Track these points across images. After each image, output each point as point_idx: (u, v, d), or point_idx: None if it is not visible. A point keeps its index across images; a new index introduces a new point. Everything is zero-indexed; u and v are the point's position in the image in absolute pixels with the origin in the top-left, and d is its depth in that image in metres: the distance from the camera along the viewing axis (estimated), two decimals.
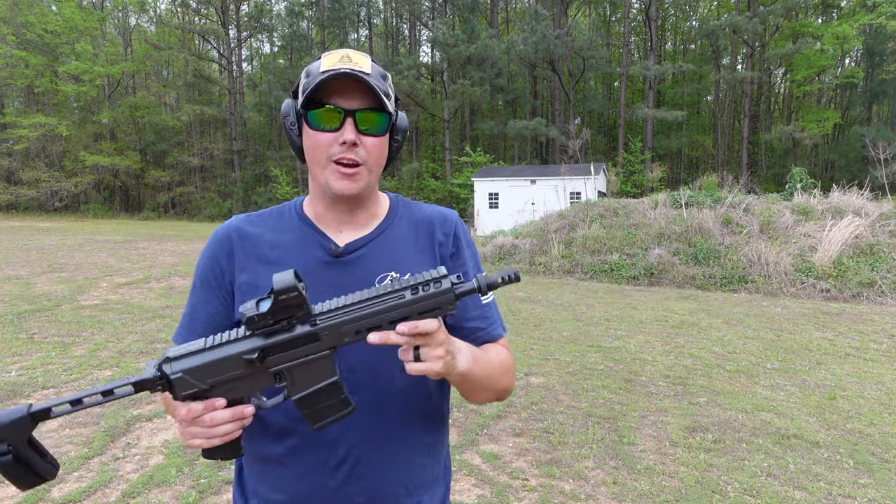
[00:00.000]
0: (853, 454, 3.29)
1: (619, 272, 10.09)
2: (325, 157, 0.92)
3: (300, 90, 0.94)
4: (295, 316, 0.76)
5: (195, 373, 0.76)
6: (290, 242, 0.98)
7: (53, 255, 11.75)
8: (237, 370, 0.77)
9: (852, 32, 26.65)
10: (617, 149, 31.98)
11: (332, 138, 0.91)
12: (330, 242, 0.98)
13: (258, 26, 38.51)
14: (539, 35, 28.70)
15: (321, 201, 0.99)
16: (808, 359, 5.28)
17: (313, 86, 0.88)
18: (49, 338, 5.46)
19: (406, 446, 0.97)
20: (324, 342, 0.78)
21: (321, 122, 0.91)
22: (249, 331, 0.77)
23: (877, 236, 9.45)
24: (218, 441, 0.78)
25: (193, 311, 1.00)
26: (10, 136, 30.64)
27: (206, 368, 0.76)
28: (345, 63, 0.90)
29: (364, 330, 0.77)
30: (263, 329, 0.76)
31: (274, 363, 0.78)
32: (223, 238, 1.01)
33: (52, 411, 0.73)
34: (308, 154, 0.95)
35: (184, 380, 0.76)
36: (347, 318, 0.77)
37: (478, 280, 0.80)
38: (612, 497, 2.81)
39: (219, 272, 0.99)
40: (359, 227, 1.00)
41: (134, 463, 3.05)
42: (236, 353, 0.76)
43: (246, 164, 35.37)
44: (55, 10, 32.64)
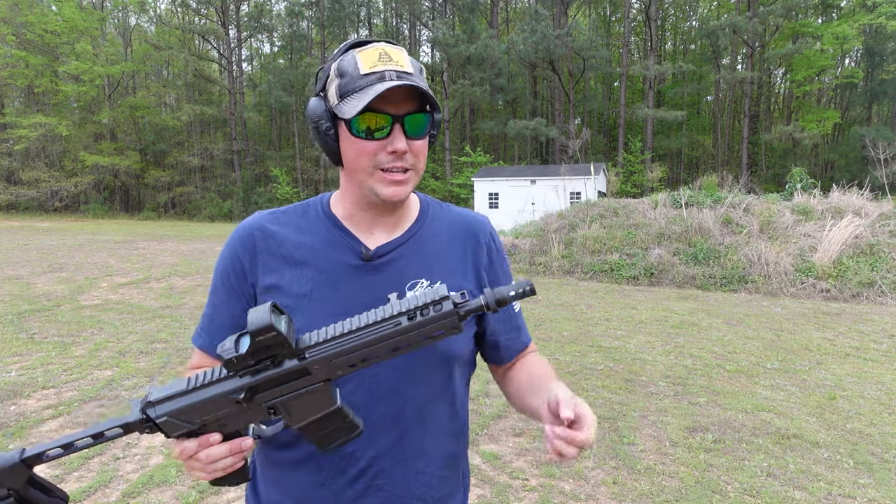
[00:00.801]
0: (853, 454, 3.29)
1: (619, 272, 10.09)
2: (371, 165, 0.86)
3: (335, 91, 0.85)
4: (279, 354, 0.71)
5: (181, 414, 0.72)
6: (317, 243, 0.93)
7: (53, 255, 11.75)
8: (226, 408, 0.73)
9: (852, 32, 26.67)
10: (617, 149, 31.99)
11: (379, 146, 0.85)
12: (360, 245, 0.93)
13: (258, 26, 38.51)
14: (539, 35, 28.71)
15: (357, 203, 0.93)
16: (808, 359, 5.28)
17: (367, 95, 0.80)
18: (49, 338, 5.46)
19: (426, 459, 0.94)
20: (315, 376, 0.73)
21: (367, 130, 0.84)
22: (231, 372, 0.72)
23: (877, 236, 9.45)
24: (220, 473, 0.76)
25: (214, 312, 0.96)
26: (11, 136, 30.66)
27: (192, 410, 0.73)
28: (385, 63, 0.83)
29: (358, 362, 0.72)
30: (251, 368, 0.72)
31: (265, 399, 0.73)
32: (246, 237, 0.95)
33: (45, 455, 0.71)
34: (350, 161, 0.88)
35: (170, 423, 0.73)
36: (339, 351, 0.72)
37: (485, 297, 0.72)
38: (612, 497, 2.81)
39: (241, 273, 0.94)
40: (390, 230, 0.96)
41: (134, 463, 3.05)
42: (222, 394, 0.72)
43: (246, 164, 35.38)
44: (55, 10, 32.66)
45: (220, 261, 0.97)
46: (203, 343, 0.96)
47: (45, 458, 0.71)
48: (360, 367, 0.73)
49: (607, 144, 37.48)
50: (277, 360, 0.72)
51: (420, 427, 0.93)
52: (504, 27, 38.99)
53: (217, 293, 0.96)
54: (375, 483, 0.90)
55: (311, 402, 0.74)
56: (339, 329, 0.72)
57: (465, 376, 1.03)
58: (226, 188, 34.35)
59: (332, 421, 0.76)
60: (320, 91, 0.89)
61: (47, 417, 3.57)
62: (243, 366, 0.71)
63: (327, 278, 0.90)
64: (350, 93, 0.83)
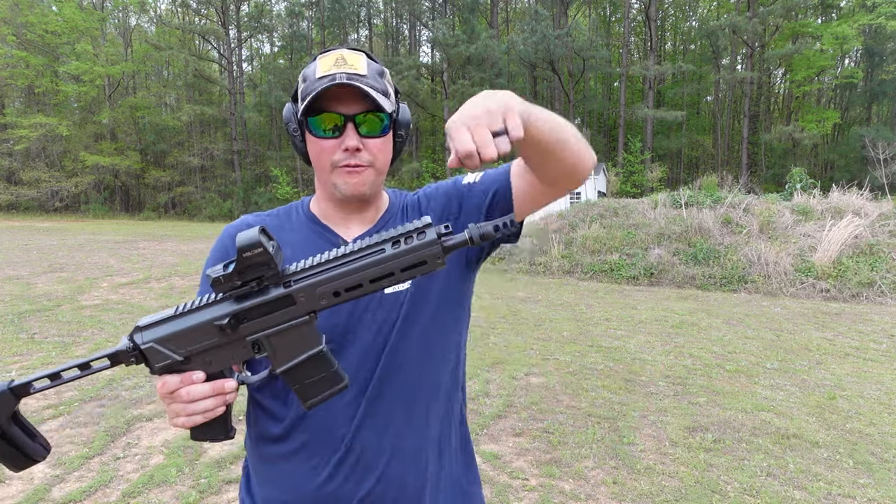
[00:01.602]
0: (853, 454, 3.29)
1: (618, 272, 10.10)
2: (329, 163, 0.93)
3: (299, 95, 0.94)
4: (265, 276, 0.71)
5: (166, 342, 0.72)
6: (300, 241, 0.98)
7: (54, 255, 11.75)
8: (211, 338, 0.72)
9: (852, 33, 26.67)
10: (617, 149, 31.99)
11: (335, 144, 0.91)
12: (337, 238, 0.99)
13: (258, 26, 38.51)
14: (539, 35, 28.71)
15: (329, 200, 1.00)
16: (807, 359, 5.28)
17: (311, 95, 0.87)
18: (49, 338, 5.47)
19: (418, 442, 0.96)
20: (301, 306, 0.72)
21: (322, 130, 0.91)
22: (218, 294, 0.72)
23: (876, 236, 9.45)
24: (200, 418, 0.74)
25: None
26: (11, 137, 30.65)
27: (177, 337, 0.72)
28: (340, 66, 0.89)
29: (343, 291, 0.71)
30: (232, 291, 0.71)
31: (249, 330, 0.73)
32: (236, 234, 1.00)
33: (32, 386, 0.71)
34: (313, 160, 0.95)
35: (155, 350, 0.72)
36: (323, 278, 0.71)
37: (469, 231, 0.70)
38: (612, 497, 2.81)
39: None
40: (365, 224, 1.01)
41: (134, 463, 3.05)
42: (207, 320, 0.72)
43: (246, 164, 35.38)
44: (55, 11, 32.66)
45: (211, 259, 0.99)
46: None
47: (33, 390, 0.72)
48: (344, 297, 0.72)
49: (607, 144, 37.48)
50: (263, 286, 0.71)
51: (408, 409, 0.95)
52: (504, 27, 38.99)
53: (205, 289, 0.95)
54: (370, 467, 0.92)
55: (296, 339, 0.74)
56: (324, 257, 0.72)
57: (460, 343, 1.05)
58: (226, 188, 34.35)
59: (317, 367, 0.75)
60: (292, 96, 0.97)
61: (48, 417, 3.58)
62: (229, 287, 0.70)
63: None
64: (306, 96, 0.89)
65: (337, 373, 0.77)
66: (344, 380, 0.77)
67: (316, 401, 0.77)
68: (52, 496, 2.69)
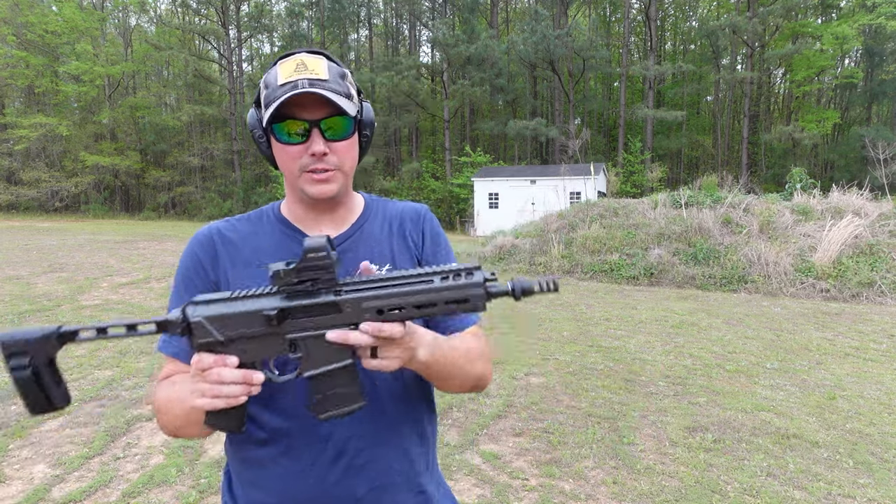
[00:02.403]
0: (853, 454, 3.29)
1: (618, 272, 10.10)
2: (297, 168, 0.92)
3: (262, 102, 0.93)
4: (321, 279, 0.75)
5: (215, 321, 0.75)
6: (272, 245, 0.98)
7: (54, 255, 11.75)
8: (255, 327, 0.76)
9: (852, 33, 26.67)
10: (617, 149, 31.99)
11: (301, 150, 0.91)
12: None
13: (258, 26, 38.50)
14: (539, 35, 28.71)
15: (299, 203, 0.99)
16: (807, 359, 5.28)
17: (275, 104, 0.87)
18: None
19: (398, 434, 0.97)
20: (345, 315, 0.75)
21: (288, 136, 0.91)
22: (274, 287, 0.76)
23: (876, 236, 9.45)
24: (222, 403, 0.76)
25: None
26: (11, 137, 30.65)
27: (226, 319, 0.76)
28: (301, 72, 0.88)
29: (386, 310, 0.74)
30: (288, 288, 0.75)
31: (291, 328, 0.76)
32: (206, 241, 0.99)
33: (78, 334, 0.75)
34: (280, 165, 0.95)
35: (202, 326, 0.75)
36: (371, 294, 0.75)
37: (513, 283, 0.74)
38: (612, 497, 2.81)
39: (202, 272, 0.97)
40: (337, 226, 1.01)
41: (134, 463, 3.05)
42: (257, 309, 0.75)
43: (246, 164, 35.38)
44: (55, 11, 32.66)
45: (181, 266, 0.99)
46: (174, 350, 0.95)
47: (79, 339, 0.75)
48: (386, 316, 0.75)
49: (607, 144, 37.48)
50: (315, 289, 0.75)
51: (386, 403, 0.96)
52: (504, 27, 38.99)
53: (179, 296, 0.96)
54: (356, 463, 0.93)
55: (331, 348, 0.76)
56: (374, 276, 0.77)
57: None
58: (226, 188, 34.35)
59: (342, 381, 0.78)
60: (255, 102, 0.95)
61: (48, 417, 3.58)
62: (287, 282, 0.74)
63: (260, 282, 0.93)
64: (270, 103, 0.89)
65: (358, 391, 0.79)
66: (362, 400, 0.79)
67: (331, 414, 0.79)
68: (52, 496, 2.69)
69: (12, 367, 0.73)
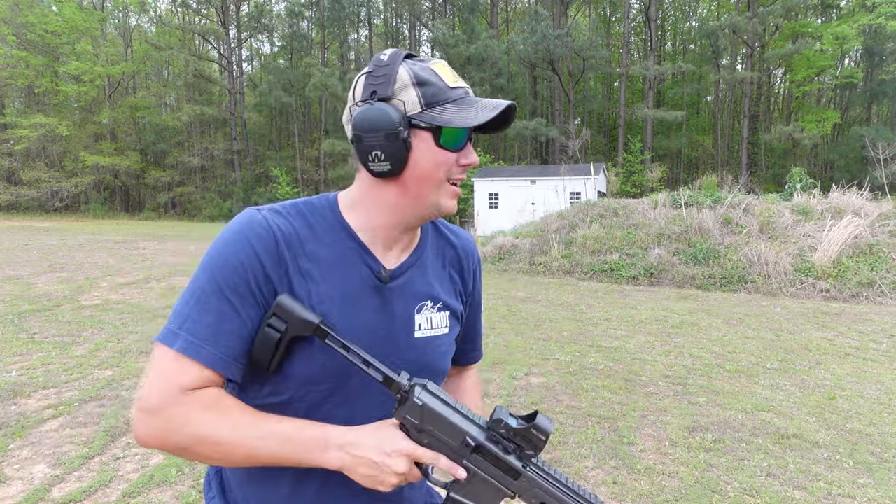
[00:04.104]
0: (853, 454, 3.29)
1: (618, 272, 10.09)
2: (445, 176, 0.86)
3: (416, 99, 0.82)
4: (525, 451, 0.80)
5: (428, 413, 0.78)
6: (332, 257, 0.86)
7: (54, 255, 11.75)
8: (450, 440, 0.79)
9: (852, 33, 26.68)
10: (617, 149, 32.00)
11: (454, 158, 0.86)
12: (378, 265, 0.88)
13: (258, 26, 38.54)
14: (539, 35, 28.72)
15: (395, 217, 0.88)
16: (807, 359, 5.28)
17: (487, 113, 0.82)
18: (49, 338, 5.46)
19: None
20: (517, 485, 0.80)
21: (452, 142, 0.84)
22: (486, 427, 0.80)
23: (876, 236, 9.45)
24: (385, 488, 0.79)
25: (221, 321, 0.79)
26: (11, 137, 30.67)
27: (438, 418, 0.78)
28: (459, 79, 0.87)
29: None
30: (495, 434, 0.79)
31: (473, 461, 0.80)
32: (267, 237, 0.82)
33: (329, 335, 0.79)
34: (424, 171, 0.84)
35: (416, 408, 0.78)
36: (549, 488, 0.80)
37: None
38: (612, 497, 2.81)
39: (263, 278, 0.81)
40: (404, 248, 0.93)
41: (134, 463, 3.05)
42: (465, 430, 0.79)
43: (246, 164, 35.40)
44: (56, 11, 32.68)
45: (226, 266, 0.80)
46: (210, 358, 0.78)
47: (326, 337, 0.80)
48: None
49: (607, 144, 37.49)
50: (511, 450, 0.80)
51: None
52: (504, 27, 38.99)
53: (223, 299, 0.79)
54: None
55: (486, 495, 0.81)
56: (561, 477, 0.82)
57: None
58: (226, 188, 34.37)
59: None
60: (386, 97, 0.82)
61: (48, 417, 3.58)
62: (498, 436, 0.79)
63: (345, 299, 0.85)
64: (441, 102, 0.83)
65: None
66: None
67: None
68: (52, 496, 2.69)
69: (269, 323, 0.79)
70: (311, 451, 0.76)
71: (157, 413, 0.76)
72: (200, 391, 0.78)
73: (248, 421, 0.77)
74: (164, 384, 0.77)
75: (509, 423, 0.78)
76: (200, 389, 0.78)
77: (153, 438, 0.77)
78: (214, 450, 0.76)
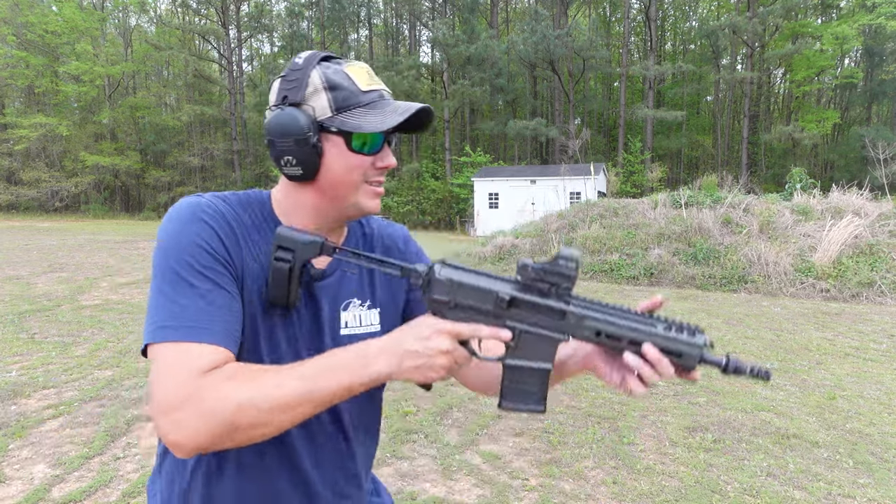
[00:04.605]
0: (853, 454, 3.29)
1: (618, 272, 10.09)
2: (361, 179, 0.86)
3: (326, 103, 0.82)
4: (560, 286, 0.77)
5: (455, 285, 0.78)
6: (268, 252, 0.85)
7: (54, 255, 11.75)
8: (483, 305, 0.78)
9: (852, 33, 26.68)
10: (617, 149, 32.00)
11: (370, 161, 0.86)
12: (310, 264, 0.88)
13: (258, 26, 38.53)
14: (539, 35, 28.71)
15: (318, 219, 0.89)
16: (807, 359, 5.28)
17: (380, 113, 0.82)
18: (49, 338, 5.47)
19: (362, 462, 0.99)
20: (565, 325, 0.77)
21: (365, 145, 0.84)
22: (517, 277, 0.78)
23: (876, 236, 9.45)
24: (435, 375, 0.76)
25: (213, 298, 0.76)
26: (11, 137, 30.66)
27: (465, 287, 0.78)
28: (376, 83, 0.86)
29: (604, 335, 0.77)
30: (527, 282, 0.77)
31: (514, 317, 0.78)
32: (218, 216, 0.82)
33: (336, 251, 0.82)
34: (338, 176, 0.85)
35: (443, 284, 0.78)
36: (596, 315, 0.77)
37: (727, 359, 0.77)
38: (612, 497, 2.81)
39: (227, 257, 0.80)
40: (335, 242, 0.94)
41: (134, 463, 3.05)
42: (494, 289, 0.77)
43: (246, 164, 35.40)
44: (56, 11, 32.68)
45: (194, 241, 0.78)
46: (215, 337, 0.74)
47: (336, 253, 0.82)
48: (600, 340, 0.77)
49: (607, 144, 37.49)
50: (548, 292, 0.77)
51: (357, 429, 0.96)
52: (504, 27, 38.98)
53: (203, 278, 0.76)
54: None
55: (540, 348, 0.79)
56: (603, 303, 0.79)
57: None
58: (226, 188, 34.33)
59: (534, 381, 0.80)
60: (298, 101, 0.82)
61: (48, 417, 3.58)
62: (530, 277, 0.77)
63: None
64: (352, 107, 0.83)
65: (543, 397, 0.81)
66: (543, 406, 0.81)
67: (511, 406, 0.81)
68: (52, 496, 2.69)
69: (277, 256, 0.80)
70: (358, 370, 0.74)
71: (185, 403, 0.69)
72: (219, 369, 0.73)
73: (284, 371, 0.74)
74: (179, 375, 0.71)
75: (534, 266, 0.76)
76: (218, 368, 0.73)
77: (191, 432, 0.69)
78: (264, 412, 0.70)
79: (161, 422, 0.70)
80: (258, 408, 0.70)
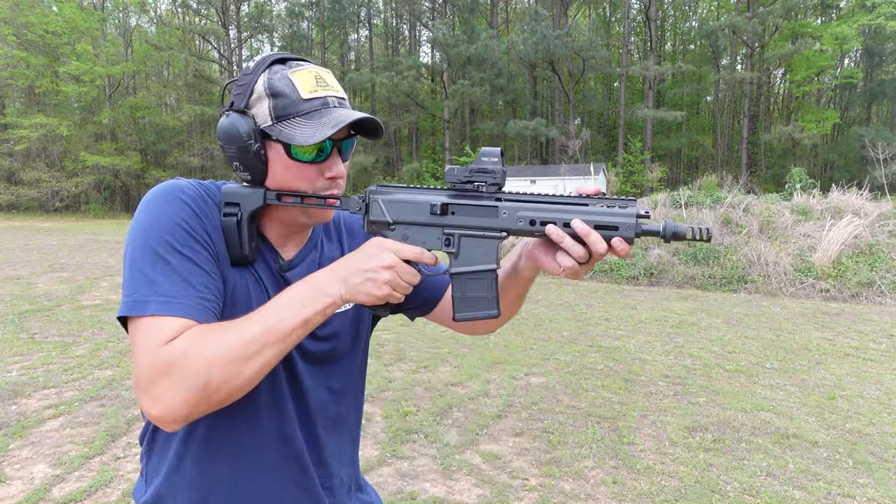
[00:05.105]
0: (852, 454, 3.30)
1: (618, 272, 10.10)
2: (309, 189, 0.84)
3: (267, 112, 0.81)
4: (487, 183, 0.80)
5: (389, 204, 0.82)
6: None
7: (54, 255, 11.76)
8: (419, 216, 0.81)
9: (851, 33, 26.70)
10: (617, 149, 32.01)
11: (318, 171, 0.84)
12: (276, 256, 0.89)
13: (258, 27, 38.55)
14: (539, 35, 28.72)
15: (276, 220, 0.89)
16: (807, 359, 5.29)
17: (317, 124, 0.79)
18: (50, 338, 5.47)
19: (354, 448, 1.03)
20: (500, 220, 0.80)
21: (307, 155, 0.82)
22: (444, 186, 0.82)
23: (876, 236, 9.45)
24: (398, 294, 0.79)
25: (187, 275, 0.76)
26: (11, 137, 30.66)
27: (398, 204, 0.82)
28: (324, 89, 0.82)
29: (538, 222, 0.78)
30: (458, 186, 0.81)
31: (450, 222, 0.81)
32: (197, 197, 0.82)
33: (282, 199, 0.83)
34: (285, 182, 0.84)
35: (378, 205, 0.82)
36: (528, 204, 0.79)
37: (665, 225, 0.75)
38: (612, 497, 2.82)
39: (206, 236, 0.80)
40: (298, 243, 0.94)
41: (135, 462, 3.05)
42: (426, 199, 0.81)
43: None
44: (56, 11, 32.68)
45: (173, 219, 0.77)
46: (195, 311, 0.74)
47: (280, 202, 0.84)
48: (536, 229, 0.79)
49: (607, 144, 37.51)
50: (479, 191, 0.81)
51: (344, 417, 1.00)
52: (504, 27, 38.99)
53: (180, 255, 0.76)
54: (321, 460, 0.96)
55: (481, 250, 0.82)
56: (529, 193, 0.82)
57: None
58: None
59: (482, 286, 0.82)
60: (242, 107, 0.81)
61: (48, 417, 3.58)
62: (460, 178, 0.81)
63: (246, 284, 0.85)
64: (290, 116, 0.80)
65: (495, 300, 0.83)
66: (496, 310, 0.83)
67: (466, 316, 0.83)
68: (52, 496, 2.69)
69: (226, 213, 0.82)
70: (311, 298, 0.75)
71: (160, 376, 0.69)
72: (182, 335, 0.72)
73: (242, 320, 0.74)
74: (150, 350, 0.70)
75: (459, 168, 0.80)
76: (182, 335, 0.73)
77: (169, 402, 0.69)
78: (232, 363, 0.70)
79: (143, 399, 0.71)
80: (224, 360, 0.70)
